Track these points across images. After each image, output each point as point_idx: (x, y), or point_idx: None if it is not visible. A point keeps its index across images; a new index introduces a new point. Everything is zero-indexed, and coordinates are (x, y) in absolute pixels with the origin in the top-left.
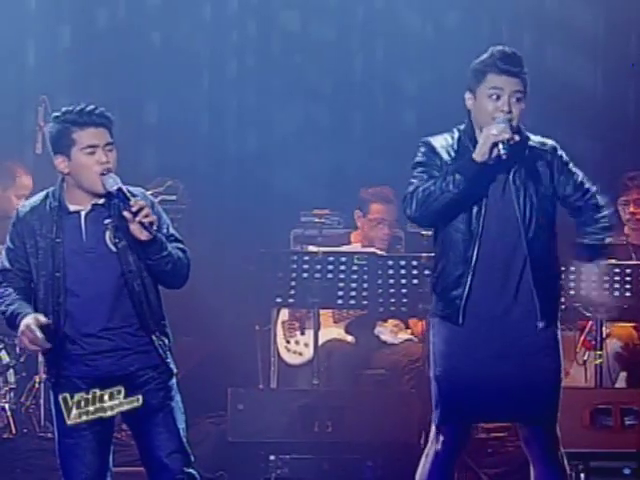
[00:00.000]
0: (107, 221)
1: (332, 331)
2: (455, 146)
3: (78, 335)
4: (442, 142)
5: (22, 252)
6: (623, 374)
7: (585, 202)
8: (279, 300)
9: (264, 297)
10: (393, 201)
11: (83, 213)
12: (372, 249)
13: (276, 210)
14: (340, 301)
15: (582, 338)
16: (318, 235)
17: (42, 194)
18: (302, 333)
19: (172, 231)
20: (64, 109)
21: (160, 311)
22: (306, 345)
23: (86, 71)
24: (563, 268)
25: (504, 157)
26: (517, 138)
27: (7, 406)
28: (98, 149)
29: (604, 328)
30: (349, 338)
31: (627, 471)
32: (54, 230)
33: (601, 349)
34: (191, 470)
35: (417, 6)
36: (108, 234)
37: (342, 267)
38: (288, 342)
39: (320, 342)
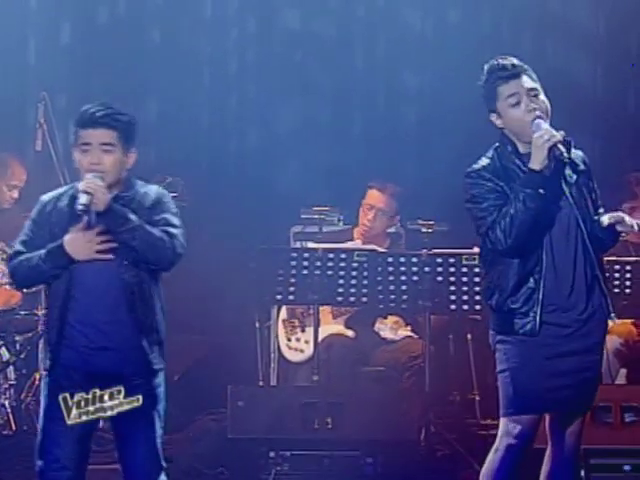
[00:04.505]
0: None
1: (332, 327)
2: (498, 164)
3: (81, 325)
4: (485, 164)
5: (38, 239)
6: (623, 371)
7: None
8: (279, 297)
9: (264, 294)
10: (392, 194)
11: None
12: (372, 246)
13: (276, 207)
14: (340, 298)
15: None
16: (318, 232)
17: (66, 187)
18: (303, 330)
19: (167, 217)
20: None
21: (153, 306)
22: (307, 342)
23: (86, 68)
24: None
25: (566, 159)
26: (563, 133)
27: (7, 403)
28: (91, 147)
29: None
30: (349, 333)
31: (627, 468)
32: (64, 223)
33: None
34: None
35: (418, 3)
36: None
37: (342, 264)
38: (289, 340)
39: (320, 338)
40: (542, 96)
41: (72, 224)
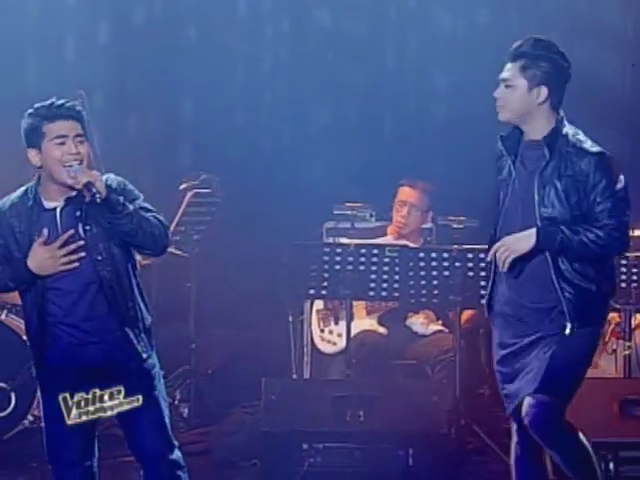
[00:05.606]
0: (78, 213)
1: (365, 322)
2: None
3: (63, 326)
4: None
5: (3, 247)
6: None
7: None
8: (312, 292)
9: (297, 288)
10: (423, 189)
11: (58, 209)
12: (404, 241)
13: (309, 203)
14: (372, 293)
15: (611, 328)
16: (351, 228)
17: (21, 190)
18: (336, 323)
19: (143, 204)
20: (36, 105)
21: (133, 297)
22: (339, 335)
23: (123, 66)
24: None
25: None
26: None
27: None
28: (67, 140)
29: (633, 319)
30: (381, 329)
31: None
32: (31, 228)
33: (630, 340)
34: (174, 457)
35: (448, 4)
36: (80, 226)
37: (374, 259)
38: (322, 331)
39: (353, 333)
40: (514, 90)
41: (36, 229)
